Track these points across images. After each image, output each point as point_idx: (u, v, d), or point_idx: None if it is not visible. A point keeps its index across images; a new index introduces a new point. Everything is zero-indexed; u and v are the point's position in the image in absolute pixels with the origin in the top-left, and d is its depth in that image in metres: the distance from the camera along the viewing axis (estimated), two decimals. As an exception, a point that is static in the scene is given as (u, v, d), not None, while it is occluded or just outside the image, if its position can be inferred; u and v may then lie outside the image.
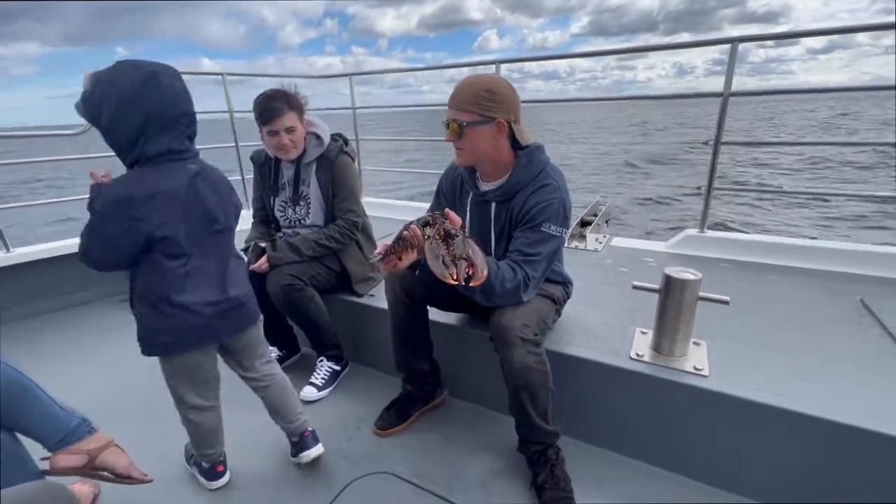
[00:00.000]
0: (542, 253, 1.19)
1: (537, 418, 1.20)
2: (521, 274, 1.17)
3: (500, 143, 1.22)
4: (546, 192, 1.21)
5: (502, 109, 1.17)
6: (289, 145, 1.63)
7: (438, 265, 1.04)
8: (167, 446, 1.45)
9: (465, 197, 1.39)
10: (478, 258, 1.04)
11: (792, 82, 41.02)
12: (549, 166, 1.26)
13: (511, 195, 1.26)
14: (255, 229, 1.85)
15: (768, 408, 1.12)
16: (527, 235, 1.20)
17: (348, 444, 1.44)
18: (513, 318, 1.16)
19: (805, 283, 1.86)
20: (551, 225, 1.19)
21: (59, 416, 1.05)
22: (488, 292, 1.15)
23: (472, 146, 1.21)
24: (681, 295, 1.26)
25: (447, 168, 1.47)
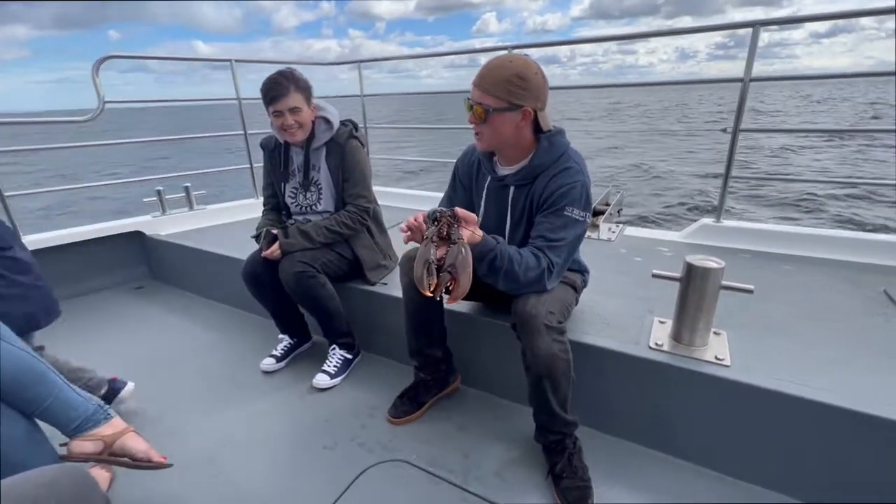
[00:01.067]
0: (566, 238, 1.16)
1: (557, 407, 1.18)
2: (544, 261, 1.14)
3: (524, 129, 1.19)
4: (569, 175, 1.18)
5: (531, 97, 1.13)
6: (293, 126, 1.61)
7: (420, 269, 1.01)
8: (183, 431, 1.45)
9: (482, 181, 1.35)
10: (463, 276, 0.99)
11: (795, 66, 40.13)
12: (570, 149, 1.23)
13: (531, 179, 1.23)
14: (265, 216, 1.83)
15: (792, 398, 1.10)
16: (550, 220, 1.17)
17: (362, 432, 1.43)
18: (538, 305, 1.13)
19: (825, 273, 1.83)
20: (574, 209, 1.16)
21: (76, 403, 1.06)
22: (512, 280, 1.13)
23: (495, 132, 1.18)
24: (703, 284, 1.23)
25: (463, 152, 1.44)
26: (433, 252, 1.02)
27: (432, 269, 1.01)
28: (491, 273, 1.12)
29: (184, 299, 2.44)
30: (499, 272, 1.11)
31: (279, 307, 1.76)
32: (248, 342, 1.98)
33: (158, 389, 1.68)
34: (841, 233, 2.07)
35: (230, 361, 1.85)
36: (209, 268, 2.33)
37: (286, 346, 1.83)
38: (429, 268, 1.01)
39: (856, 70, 2.20)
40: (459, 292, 1.01)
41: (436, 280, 1.00)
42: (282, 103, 1.57)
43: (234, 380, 1.73)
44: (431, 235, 1.04)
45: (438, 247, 1.04)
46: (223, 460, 1.33)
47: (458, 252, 1.01)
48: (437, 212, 1.08)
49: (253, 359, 1.81)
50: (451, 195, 1.46)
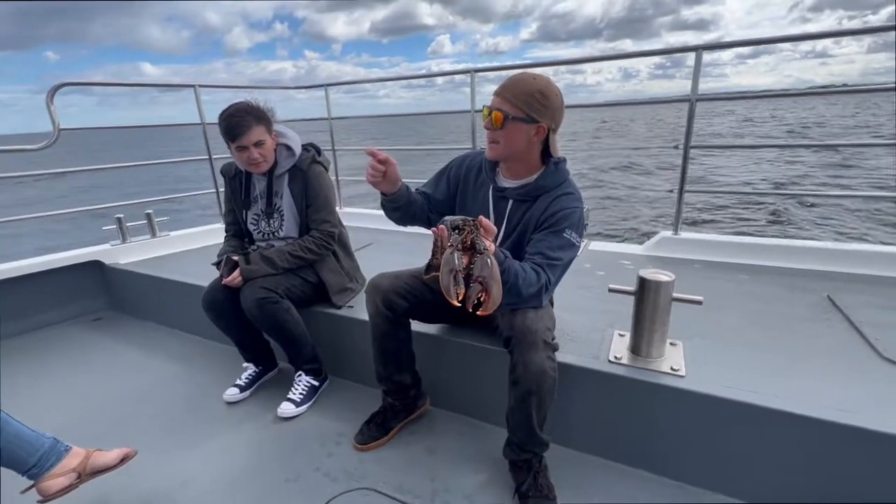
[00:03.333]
0: (563, 259, 1.19)
1: (537, 426, 1.19)
2: (543, 278, 1.15)
3: (535, 146, 1.22)
4: (570, 200, 1.22)
5: (548, 115, 1.17)
6: (259, 159, 1.61)
7: (448, 279, 0.94)
8: (141, 473, 1.39)
9: (481, 188, 1.36)
10: (494, 287, 0.95)
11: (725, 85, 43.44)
12: (571, 178, 1.28)
13: (533, 197, 1.25)
14: (227, 243, 1.80)
15: (744, 405, 1.14)
16: (550, 239, 1.19)
17: (328, 461, 1.40)
18: (536, 321, 1.14)
19: (774, 280, 1.92)
20: (573, 233, 1.19)
21: (30, 439, 1.03)
22: (515, 295, 1.12)
23: (510, 141, 1.20)
24: (655, 296, 1.27)
25: (465, 154, 1.44)
26: (459, 260, 0.97)
27: (459, 279, 0.95)
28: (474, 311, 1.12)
29: (145, 330, 2.36)
30: (505, 286, 1.08)
31: (242, 335, 1.73)
32: (212, 372, 1.92)
33: (115, 429, 1.61)
34: (788, 242, 2.18)
35: (192, 394, 1.79)
36: (172, 296, 2.26)
37: (251, 374, 1.79)
38: (456, 276, 0.95)
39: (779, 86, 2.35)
40: (492, 304, 0.96)
41: (464, 290, 0.95)
42: (244, 139, 1.56)
43: (197, 414, 1.67)
44: (456, 243, 0.99)
45: (462, 256, 0.99)
46: (180, 501, 1.28)
47: (485, 263, 0.96)
48: (458, 220, 1.04)
49: (217, 390, 1.75)
50: (436, 183, 1.44)
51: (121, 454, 1.21)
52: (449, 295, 0.95)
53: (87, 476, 1.13)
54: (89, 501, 1.27)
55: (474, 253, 1.00)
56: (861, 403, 1.11)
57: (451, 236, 1.01)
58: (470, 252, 1.00)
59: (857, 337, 1.44)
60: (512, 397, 1.18)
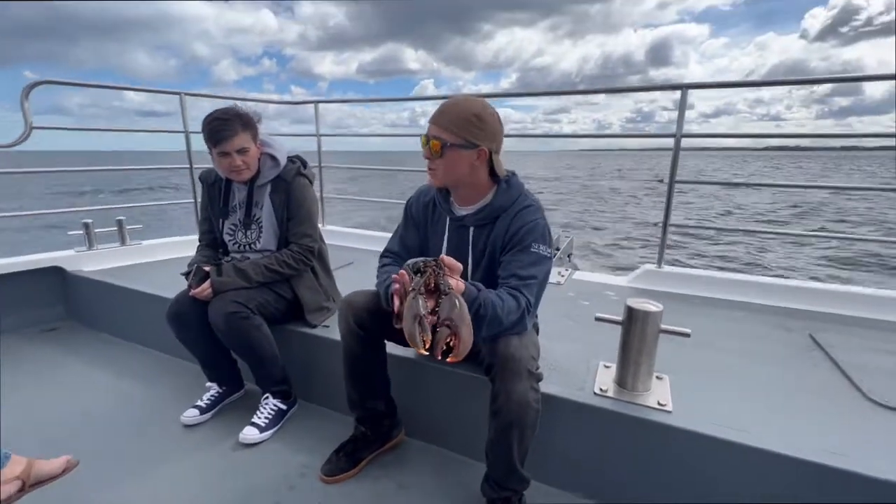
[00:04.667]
0: (537, 276, 1.14)
1: (517, 461, 1.11)
2: (523, 301, 1.10)
3: (479, 169, 1.19)
4: (529, 214, 1.18)
5: (487, 138, 1.15)
6: (241, 167, 1.55)
7: (411, 325, 0.89)
8: (77, 494, 1.24)
9: (438, 221, 1.32)
10: (464, 329, 0.89)
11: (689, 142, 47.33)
12: (525, 190, 1.24)
13: (492, 220, 1.22)
14: (200, 253, 1.71)
15: (733, 445, 1.09)
16: (519, 259, 1.15)
17: (289, 494, 1.28)
18: (521, 348, 1.08)
19: (757, 318, 1.91)
20: (540, 245, 1.15)
21: None
22: (496, 326, 1.07)
23: (450, 168, 1.17)
24: (643, 327, 1.24)
25: (417, 191, 1.41)
26: (422, 304, 0.91)
27: (425, 325, 0.90)
28: (476, 323, 1.03)
29: (102, 343, 2.20)
30: (483, 321, 1.03)
31: (207, 352, 1.61)
32: (171, 391, 1.78)
33: (55, 448, 1.44)
34: (771, 280, 2.20)
35: (147, 414, 1.65)
36: (135, 308, 2.13)
37: (213, 395, 1.66)
38: (421, 322, 0.90)
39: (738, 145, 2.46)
40: (463, 348, 0.89)
41: (430, 336, 0.89)
42: (228, 144, 1.50)
43: (149, 436, 1.53)
44: (418, 287, 0.94)
45: (427, 298, 0.94)
46: None
47: (453, 304, 0.90)
48: (419, 262, 0.99)
49: (175, 411, 1.62)
50: (402, 234, 1.41)
51: (63, 463, 1.12)
52: (415, 343, 0.89)
53: (31, 486, 1.06)
54: None
55: (439, 295, 0.95)
56: (849, 446, 1.08)
57: (413, 280, 0.97)
58: (435, 294, 0.96)
59: (841, 377, 1.43)
60: (492, 429, 1.11)
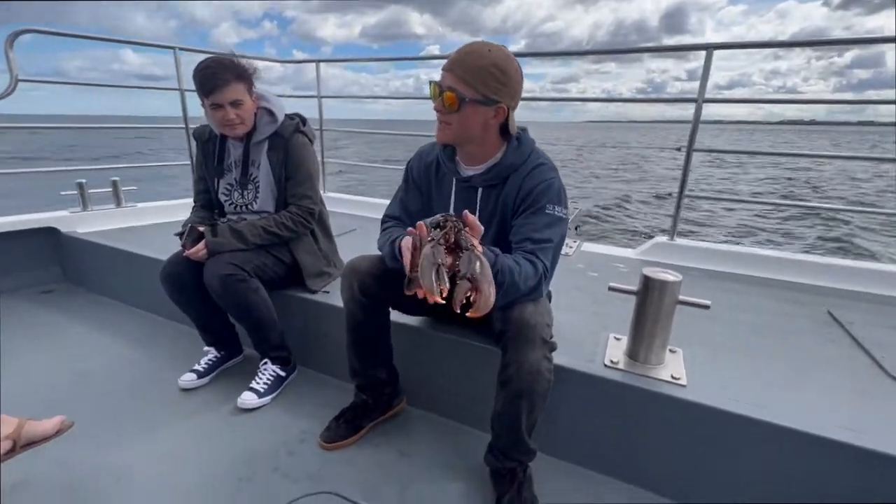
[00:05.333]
0: (552, 239, 1.06)
1: (525, 432, 1.07)
2: (539, 266, 1.02)
3: (493, 128, 1.09)
4: (542, 172, 1.09)
5: (508, 94, 1.04)
6: (235, 121, 1.45)
7: (429, 275, 0.81)
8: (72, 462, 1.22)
9: (444, 182, 1.23)
10: (485, 285, 0.82)
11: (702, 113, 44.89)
12: (537, 147, 1.15)
13: (502, 180, 1.13)
14: (195, 214, 1.64)
15: (749, 421, 1.04)
16: (532, 221, 1.07)
17: (288, 460, 1.26)
18: (536, 315, 1.01)
19: (773, 293, 1.85)
20: (555, 206, 1.07)
21: None
22: (513, 293, 0.99)
23: (464, 125, 1.06)
24: (660, 298, 1.17)
25: (418, 152, 1.31)
26: (442, 255, 0.85)
27: (443, 274, 0.83)
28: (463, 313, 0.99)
29: (99, 306, 2.16)
30: (501, 288, 0.94)
31: (203, 315, 1.56)
32: (169, 355, 1.75)
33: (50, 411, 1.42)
34: (787, 255, 2.12)
35: (144, 378, 1.62)
36: (133, 271, 2.08)
37: (211, 359, 1.63)
38: (439, 271, 0.82)
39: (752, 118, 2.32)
40: (484, 304, 0.81)
41: (448, 286, 0.82)
42: (220, 95, 1.40)
43: (146, 399, 1.50)
44: (437, 238, 0.87)
45: (446, 255, 0.87)
46: (116, 498, 1.12)
47: (474, 258, 0.84)
48: (440, 217, 0.92)
49: (172, 375, 1.59)
50: (403, 197, 1.32)
51: (57, 423, 1.10)
52: (431, 291, 0.81)
53: (22, 447, 1.04)
54: (8, 487, 1.11)
55: (459, 251, 0.87)
56: (869, 423, 1.04)
57: (432, 233, 0.90)
58: (455, 251, 0.88)
59: (860, 353, 1.37)
60: (500, 398, 1.06)
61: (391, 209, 1.32)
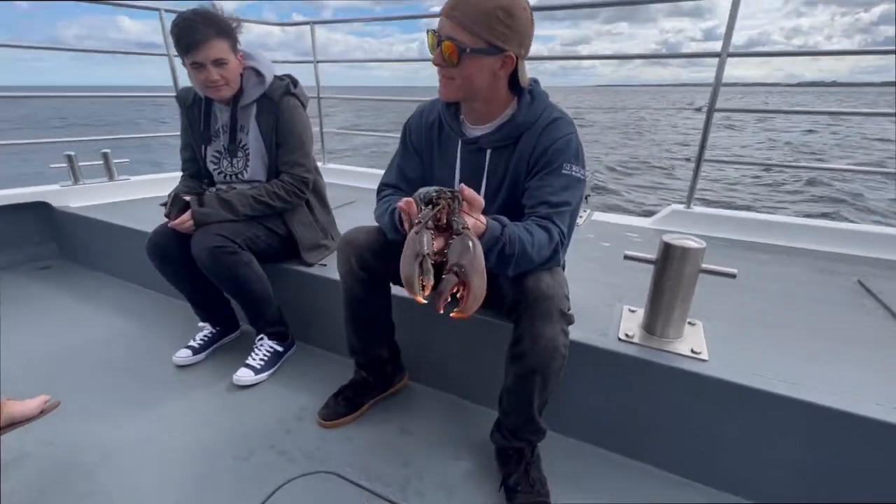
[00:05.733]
0: (570, 202, 0.96)
1: (536, 411, 1.00)
2: (556, 233, 0.93)
3: (500, 80, 0.97)
4: (559, 128, 0.98)
5: (516, 40, 0.91)
6: (219, 82, 1.34)
7: (410, 267, 0.72)
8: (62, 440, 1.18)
9: (447, 145, 1.11)
10: (475, 279, 0.71)
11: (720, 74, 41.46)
12: (551, 102, 1.03)
13: (514, 139, 1.01)
14: (183, 183, 1.55)
15: (776, 397, 0.96)
16: (549, 182, 0.96)
17: (285, 438, 1.21)
18: (554, 286, 0.92)
19: (798, 262, 1.74)
20: (573, 166, 0.97)
21: None
22: (525, 265, 0.91)
23: (466, 80, 0.94)
24: (680, 266, 1.07)
25: (417, 111, 1.19)
26: (428, 242, 0.74)
27: (427, 266, 0.72)
28: (501, 264, 0.88)
29: (97, 282, 2.12)
30: (510, 260, 0.88)
31: (195, 289, 1.50)
32: (166, 331, 1.70)
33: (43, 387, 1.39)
34: (813, 222, 2.00)
35: (140, 354, 1.57)
36: (126, 245, 2.01)
37: (206, 335, 1.57)
38: (422, 263, 0.72)
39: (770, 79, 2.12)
40: (472, 302, 0.72)
41: (432, 281, 0.72)
42: (201, 53, 1.28)
43: (140, 375, 1.46)
44: (425, 220, 0.77)
45: (435, 237, 0.77)
46: (104, 476, 1.08)
47: (465, 247, 0.73)
48: (432, 191, 0.81)
49: (167, 351, 1.54)
50: (401, 163, 1.20)
51: (40, 403, 1.05)
52: (412, 289, 0.71)
53: (5, 428, 0.99)
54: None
55: (451, 234, 0.77)
56: None
57: (422, 212, 0.79)
58: (446, 233, 0.78)
59: (895, 325, 1.27)
60: (510, 374, 0.99)
61: (387, 177, 1.22)
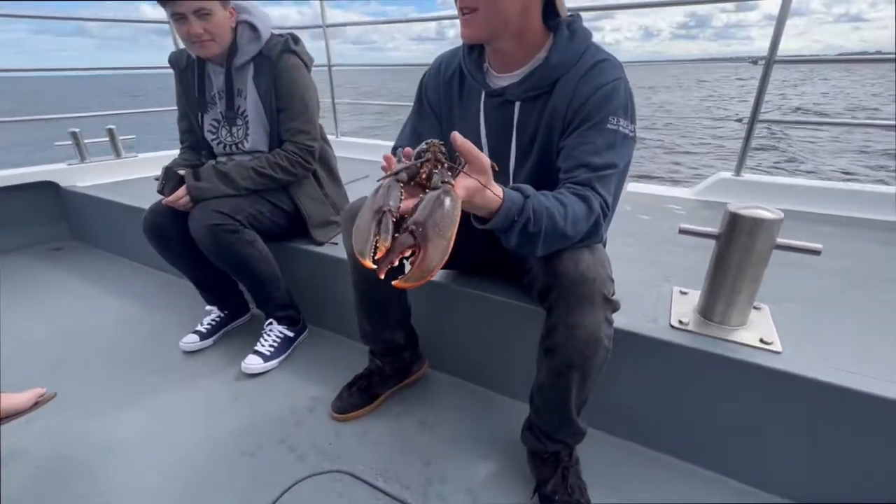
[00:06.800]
0: (616, 164, 0.79)
1: (574, 410, 0.86)
2: (596, 203, 0.77)
3: (533, 10, 0.80)
4: (605, 73, 0.80)
5: None
6: (203, 36, 1.19)
7: (367, 225, 0.60)
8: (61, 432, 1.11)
9: (470, 100, 0.95)
10: (433, 243, 0.58)
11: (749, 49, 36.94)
12: (595, 42, 0.85)
13: (549, 86, 0.84)
14: (181, 156, 1.43)
15: (869, 398, 0.80)
16: (591, 139, 0.79)
17: (296, 432, 1.11)
18: (595, 266, 0.77)
19: (868, 235, 1.52)
20: (620, 119, 0.79)
21: None
22: (557, 242, 0.76)
23: (494, 9, 0.77)
24: (751, 241, 0.90)
25: (434, 63, 1.02)
26: (396, 197, 0.62)
27: (387, 223, 0.60)
28: (526, 243, 0.74)
29: (108, 264, 2.06)
30: (536, 239, 0.73)
31: (198, 271, 1.39)
32: (175, 315, 1.62)
33: (44, 374, 1.33)
34: (882, 188, 1.75)
35: (147, 338, 1.50)
36: (135, 225, 1.93)
37: (214, 319, 1.48)
38: (381, 220, 0.60)
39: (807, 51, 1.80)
40: (422, 269, 0.59)
41: (388, 243, 0.59)
42: (181, 3, 1.14)
43: (146, 362, 1.38)
44: (399, 171, 0.65)
45: (408, 194, 0.65)
46: (102, 471, 1.00)
47: (435, 202, 0.60)
48: (426, 143, 0.69)
49: (175, 336, 1.46)
50: (415, 123, 1.04)
51: (33, 396, 1.01)
52: (360, 251, 0.59)
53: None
54: None
55: (426, 188, 0.64)
56: None
57: (398, 164, 0.67)
58: (423, 188, 0.66)
59: None
60: (544, 369, 0.85)
61: (401, 139, 1.06)
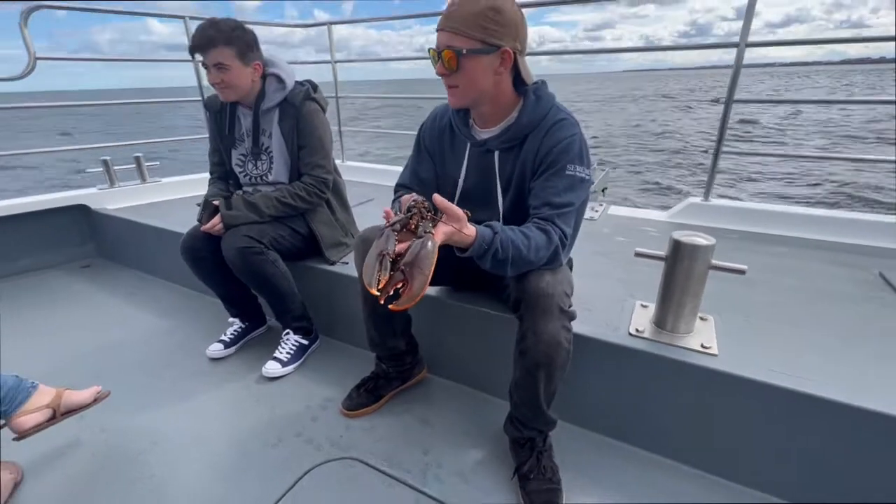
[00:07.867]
0: (574, 203, 1.00)
1: (544, 403, 1.04)
2: (555, 234, 0.97)
3: (504, 78, 1.01)
4: (563, 129, 1.01)
5: (509, 35, 0.94)
6: (220, 84, 1.43)
7: (372, 263, 0.85)
8: (109, 429, 1.29)
9: (458, 147, 1.17)
10: (417, 279, 0.81)
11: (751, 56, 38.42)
12: (557, 102, 1.06)
13: (519, 140, 1.05)
14: (213, 186, 1.64)
15: (787, 392, 0.98)
16: (552, 183, 0.99)
17: (311, 426, 1.29)
18: (554, 283, 0.97)
19: (817, 255, 1.72)
20: (577, 167, 1.00)
21: None
22: (523, 266, 0.97)
23: (470, 82, 0.98)
24: (691, 263, 1.09)
25: (430, 115, 1.25)
26: (392, 243, 0.86)
27: (386, 264, 0.84)
28: (497, 266, 0.95)
29: (133, 280, 2.25)
30: (505, 263, 0.94)
31: (225, 287, 1.59)
32: (199, 326, 1.81)
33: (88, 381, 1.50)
34: (833, 213, 1.96)
35: (174, 348, 1.68)
36: (161, 245, 2.13)
37: (236, 330, 1.67)
38: (382, 261, 0.84)
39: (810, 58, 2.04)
40: (407, 297, 0.82)
41: (388, 276, 0.83)
42: (205, 55, 1.38)
43: (177, 368, 1.56)
44: (395, 223, 0.89)
45: (401, 239, 0.88)
46: (149, 462, 1.18)
47: (420, 247, 0.83)
48: (413, 202, 0.93)
49: (201, 345, 1.64)
50: (415, 167, 1.26)
51: (93, 393, 1.18)
52: (369, 281, 0.84)
53: (62, 415, 1.12)
54: (40, 457, 1.19)
55: (416, 237, 0.88)
56: None
57: (395, 217, 0.91)
58: (413, 236, 0.89)
59: None
60: (518, 369, 1.04)
61: (403, 178, 1.28)
